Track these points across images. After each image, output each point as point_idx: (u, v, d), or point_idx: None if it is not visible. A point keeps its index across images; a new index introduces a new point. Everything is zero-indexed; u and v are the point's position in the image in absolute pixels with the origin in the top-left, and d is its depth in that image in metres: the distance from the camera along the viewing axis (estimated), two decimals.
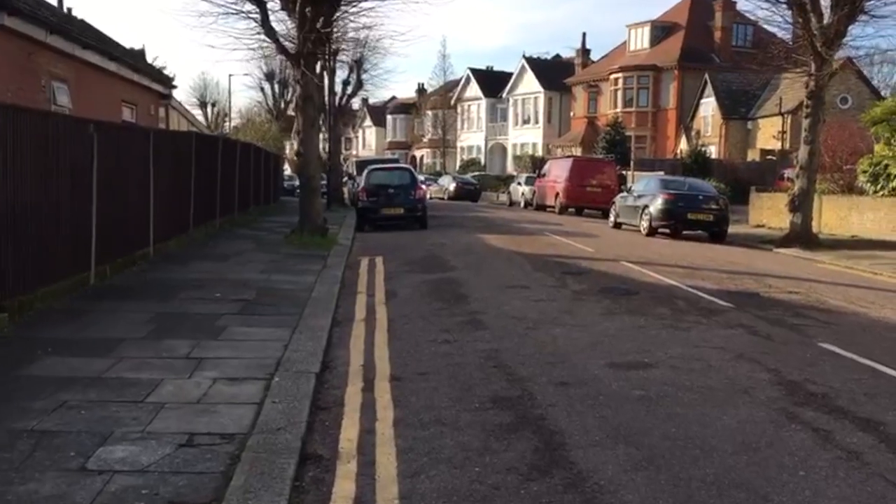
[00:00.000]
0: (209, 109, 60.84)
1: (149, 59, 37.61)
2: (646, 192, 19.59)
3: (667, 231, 19.09)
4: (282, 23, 15.77)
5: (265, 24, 15.08)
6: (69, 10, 27.06)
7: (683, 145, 42.55)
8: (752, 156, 36.24)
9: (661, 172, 31.64)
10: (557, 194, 28.71)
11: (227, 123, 57.42)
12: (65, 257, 9.00)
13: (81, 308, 8.43)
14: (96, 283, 9.91)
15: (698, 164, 32.90)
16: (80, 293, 9.27)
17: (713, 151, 38.55)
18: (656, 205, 18.65)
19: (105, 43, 14.28)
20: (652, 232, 18.79)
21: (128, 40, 57.52)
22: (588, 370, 6.48)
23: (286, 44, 15.68)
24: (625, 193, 21.29)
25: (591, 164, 29.25)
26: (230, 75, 54.95)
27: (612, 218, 21.78)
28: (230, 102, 57.45)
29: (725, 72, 41.11)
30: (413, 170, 22.25)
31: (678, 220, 18.39)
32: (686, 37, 46.15)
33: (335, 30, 15.43)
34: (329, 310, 8.96)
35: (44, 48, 11.90)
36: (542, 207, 31.06)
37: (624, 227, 21.05)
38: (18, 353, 6.58)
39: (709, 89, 40.01)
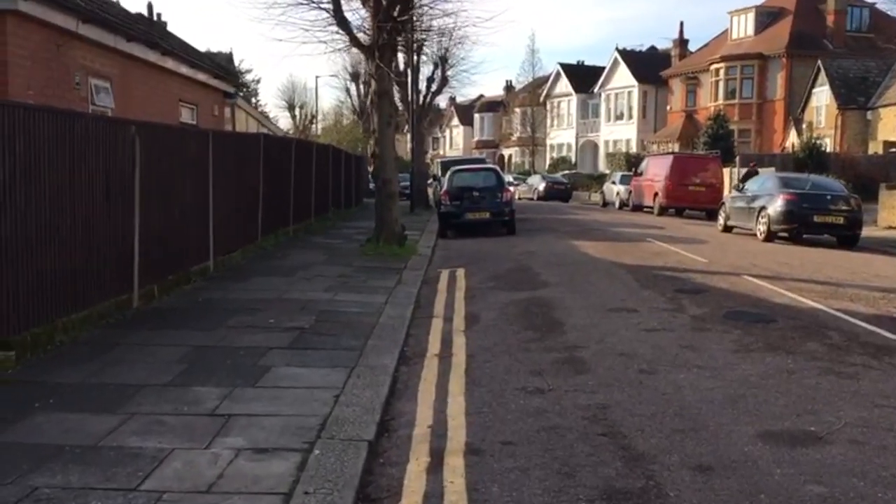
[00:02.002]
0: (297, 112, 60.94)
1: (235, 63, 37.31)
2: (762, 192, 17.37)
3: (786, 236, 16.82)
4: (355, 12, 14.48)
5: (337, 13, 13.80)
6: (158, 15, 26.78)
7: (793, 139, 39.34)
8: (874, 148, 32.88)
9: (773, 169, 29.01)
10: (656, 194, 26.55)
11: (314, 125, 57.26)
12: (99, 279, 7.86)
13: (110, 339, 7.23)
14: (140, 305, 8.78)
15: (812, 158, 29.95)
16: (117, 319, 8.12)
17: (828, 145, 35.33)
18: (776, 206, 16.43)
19: (157, 35, 13.16)
20: (770, 237, 16.58)
21: (215, 45, 58.12)
22: (734, 444, 4.76)
23: (360, 35, 14.37)
24: (736, 193, 19.07)
25: (694, 161, 26.92)
26: (316, 77, 54.76)
27: (721, 220, 19.59)
28: (317, 104, 57.28)
29: (841, 58, 37.72)
30: (499, 170, 20.66)
31: (802, 224, 16.12)
32: (795, 22, 42.79)
33: (414, 18, 13.99)
34: (397, 342, 7.49)
35: (75, 39, 10.72)
36: (638, 208, 28.95)
37: (735, 230, 18.85)
38: (11, 404, 5.37)
39: (822, 77, 36.72)
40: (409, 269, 12.42)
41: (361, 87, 48.03)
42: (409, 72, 28.90)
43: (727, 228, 19.04)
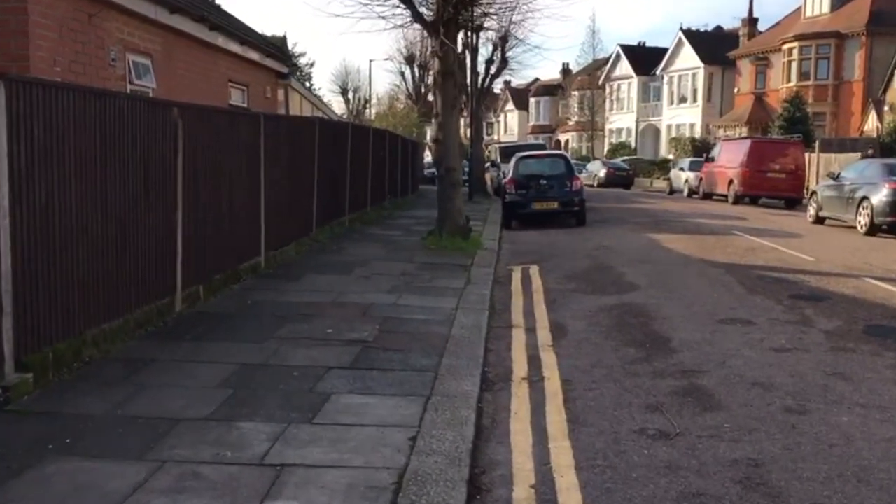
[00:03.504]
0: (351, 96, 60.18)
1: (289, 47, 36.56)
2: (863, 180, 15.71)
3: (887, 230, 15.12)
4: None
5: None
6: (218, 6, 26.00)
7: (873, 122, 36.95)
8: None
9: (859, 154, 27.02)
10: (731, 181, 24.86)
11: (367, 110, 56.42)
12: (136, 283, 6.90)
13: (147, 354, 6.26)
14: (184, 308, 7.82)
15: None
16: (157, 327, 7.17)
17: None
18: (880, 196, 14.78)
19: (204, 8, 12.11)
20: (873, 230, 14.95)
21: (269, 29, 57.60)
22: None
23: (423, 10, 13.22)
24: (831, 181, 17.40)
25: (774, 146, 25.11)
26: (370, 60, 53.76)
27: (811, 211, 17.94)
28: (371, 88, 56.42)
29: None
30: (568, 157, 19.34)
31: None
32: None
33: None
34: (476, 360, 6.36)
35: (111, 9, 9.58)
36: (709, 196, 27.28)
37: (828, 222, 17.22)
38: (21, 445, 4.41)
39: None
40: (477, 265, 11.29)
41: (416, 70, 47.04)
42: (467, 52, 27.64)
43: (819, 220, 17.41)
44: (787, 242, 13.44)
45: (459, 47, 26.14)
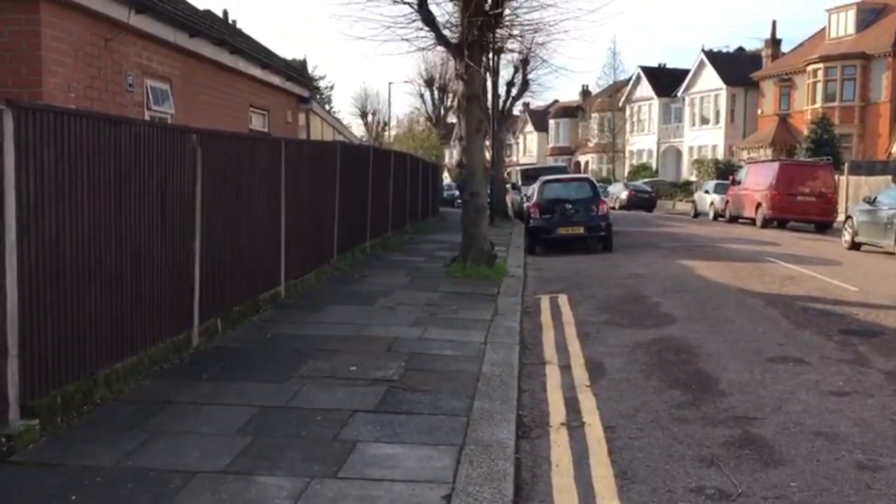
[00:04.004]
0: (370, 119, 60.27)
1: (309, 70, 36.58)
2: None
3: None
4: (440, 6, 13.04)
5: (422, 7, 12.41)
6: (234, 21, 26.00)
7: None
8: None
9: (890, 178, 26.43)
10: (759, 204, 24.33)
11: (386, 133, 56.41)
12: (152, 318, 6.57)
13: (161, 395, 5.91)
14: (201, 343, 7.48)
15: None
16: (172, 364, 6.83)
17: None
18: None
19: (225, 32, 11.87)
20: None
21: (289, 52, 57.91)
22: None
23: (446, 33, 12.94)
24: (867, 206, 16.86)
25: (803, 169, 24.56)
26: (390, 83, 53.97)
27: (846, 236, 17.38)
28: (390, 111, 56.47)
29: None
30: (594, 181, 18.94)
31: None
32: None
33: (507, 12, 12.48)
34: (510, 403, 5.95)
35: (128, 33, 9.31)
36: (735, 219, 26.75)
37: (864, 247, 16.66)
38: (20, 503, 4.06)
39: None
40: (504, 294, 10.89)
41: (436, 92, 46.99)
42: (488, 75, 27.41)
43: (855, 245, 16.85)
44: (827, 270, 12.93)
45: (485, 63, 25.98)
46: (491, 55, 25.40)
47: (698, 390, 6.22)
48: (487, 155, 32.06)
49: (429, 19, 12.51)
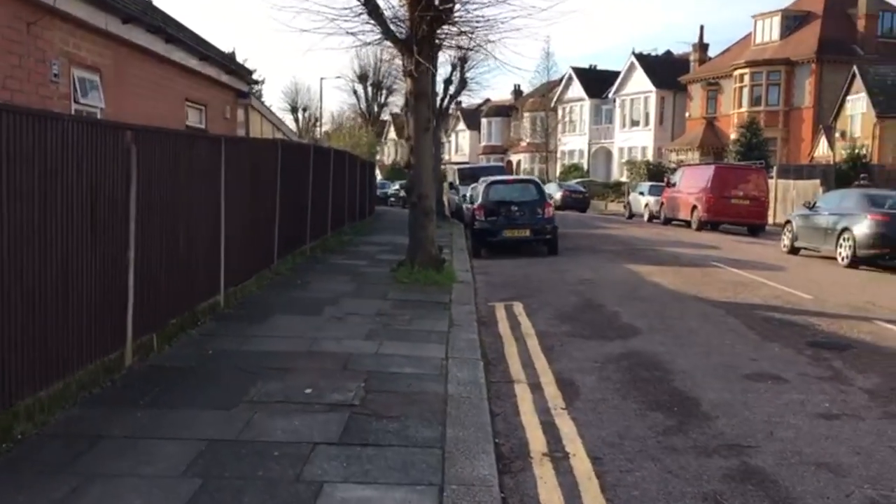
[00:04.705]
0: (300, 115, 59.03)
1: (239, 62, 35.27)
2: (842, 211, 15.33)
3: (869, 262, 14.66)
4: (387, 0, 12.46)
5: (368, 1, 11.80)
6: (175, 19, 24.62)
7: (823, 149, 37.48)
8: None
9: (818, 181, 27.15)
10: (694, 207, 24.58)
11: (318, 129, 55.27)
12: (80, 337, 5.85)
13: (92, 427, 5.21)
14: (135, 362, 6.76)
15: (856, 169, 28.08)
16: (104, 387, 6.11)
17: (865, 155, 33.39)
18: (862, 227, 14.41)
19: (160, 19, 10.97)
20: (855, 263, 14.55)
21: (217, 45, 55.99)
22: None
23: (393, 27, 12.36)
24: (806, 211, 17.05)
25: (737, 173, 24.91)
26: (321, 79, 52.88)
27: (785, 240, 17.56)
28: (321, 107, 55.35)
29: (877, 64, 35.79)
30: (540, 183, 18.66)
31: (894, 249, 14.07)
32: (823, 26, 40.93)
33: (457, 7, 11.97)
34: (484, 429, 5.48)
35: (53, 17, 8.38)
36: (669, 221, 27.02)
37: (803, 252, 16.85)
38: None
39: (857, 84, 34.78)
40: (457, 302, 10.42)
41: (370, 89, 46.30)
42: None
43: (794, 250, 17.03)
44: (775, 276, 12.92)
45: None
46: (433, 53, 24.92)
47: (681, 413, 5.86)
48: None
49: (375, 12, 11.92)
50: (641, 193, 31.52)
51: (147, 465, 4.63)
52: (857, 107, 35.21)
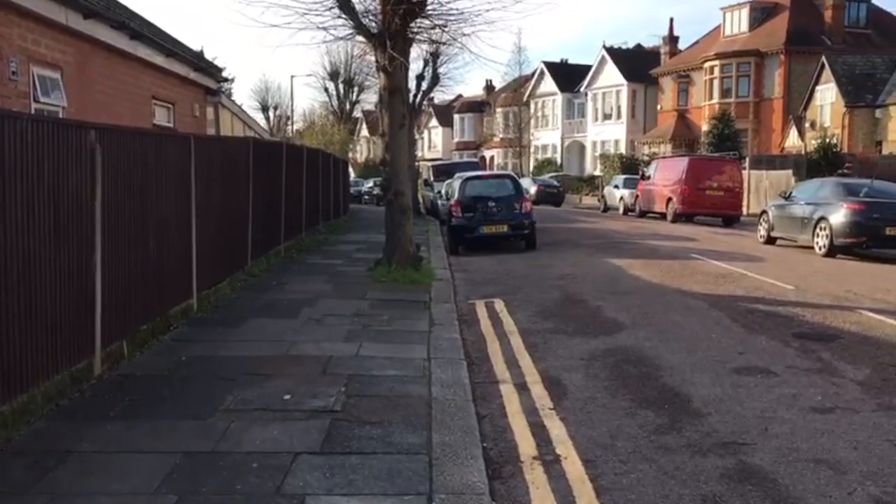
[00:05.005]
0: (271, 113, 58.43)
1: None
2: (818, 200, 15.34)
3: (849, 251, 14.65)
4: None
5: None
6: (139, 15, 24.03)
7: (794, 139, 37.77)
8: (888, 148, 31.31)
9: (791, 171, 27.30)
10: (670, 199, 24.60)
11: (289, 127, 54.71)
12: (44, 347, 5.57)
13: (60, 443, 4.94)
14: (104, 371, 6.49)
15: (827, 159, 28.27)
16: (71, 399, 5.83)
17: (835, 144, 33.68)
18: (839, 217, 14.42)
19: (125, 15, 10.59)
20: (832, 252, 14.56)
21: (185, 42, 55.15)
22: None
23: (365, 21, 12.10)
24: (782, 200, 17.06)
25: (711, 164, 24.96)
26: (292, 76, 52.47)
27: (761, 231, 17.57)
28: (292, 105, 54.77)
29: (845, 54, 36.12)
30: (517, 178, 18.50)
31: (871, 237, 14.12)
32: (791, 17, 41.23)
33: (429, 0, 11.73)
34: (471, 433, 5.29)
35: (10, 11, 8.00)
36: (645, 214, 27.03)
37: (780, 242, 16.87)
38: None
39: (826, 74, 35.08)
40: (436, 301, 10.22)
41: (341, 86, 45.85)
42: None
43: (770, 240, 17.03)
44: (755, 267, 12.87)
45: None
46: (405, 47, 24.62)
47: (672, 410, 5.72)
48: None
49: (347, 6, 11.66)
50: (616, 187, 31.52)
51: (119, 482, 4.38)
52: (827, 96, 35.52)
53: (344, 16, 11.81)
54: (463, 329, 8.67)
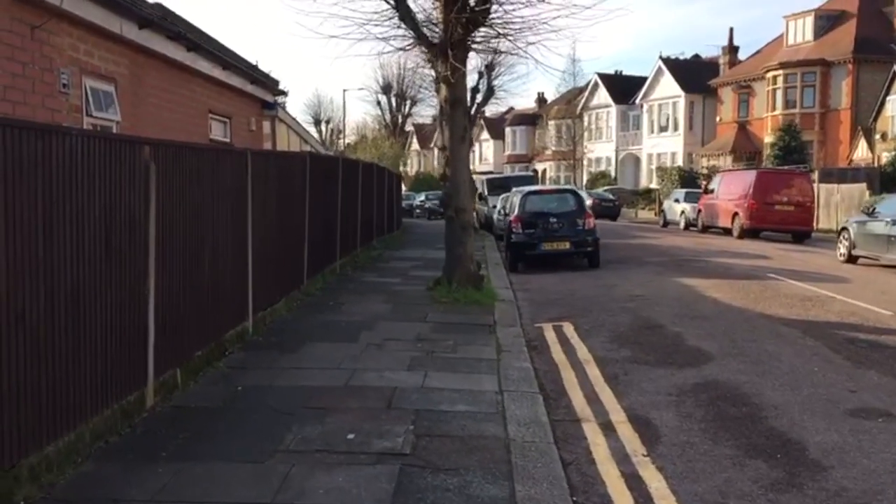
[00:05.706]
0: (323, 127, 58.71)
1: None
2: None
3: None
4: (417, 2, 11.75)
5: (400, 4, 11.13)
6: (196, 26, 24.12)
7: (863, 151, 36.28)
8: None
9: (864, 185, 26.06)
10: (736, 214, 23.59)
11: (341, 140, 54.84)
12: (94, 379, 5.16)
13: (107, 491, 4.50)
14: (157, 402, 6.07)
15: None
16: (121, 435, 5.40)
17: None
18: None
19: (181, 25, 10.29)
20: None
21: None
22: None
23: (424, 30, 11.64)
24: (865, 217, 16.07)
25: (780, 178, 23.91)
26: (344, 90, 52.47)
27: (842, 248, 16.56)
28: (344, 118, 54.97)
29: None
30: (579, 193, 17.83)
31: None
32: (859, 26, 39.73)
33: (494, 7, 11.22)
34: (558, 484, 4.72)
35: (62, 20, 7.61)
36: (707, 229, 26.02)
37: (862, 261, 15.86)
38: None
39: None
40: (501, 324, 9.64)
41: (394, 100, 45.76)
42: None
43: (851, 258, 16.03)
44: (841, 289, 11.98)
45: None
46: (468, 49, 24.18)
47: (787, 460, 5.03)
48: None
49: (408, 16, 11.23)
50: (677, 200, 30.51)
51: None
52: None
53: (404, 26, 11.38)
54: (533, 357, 8.08)
